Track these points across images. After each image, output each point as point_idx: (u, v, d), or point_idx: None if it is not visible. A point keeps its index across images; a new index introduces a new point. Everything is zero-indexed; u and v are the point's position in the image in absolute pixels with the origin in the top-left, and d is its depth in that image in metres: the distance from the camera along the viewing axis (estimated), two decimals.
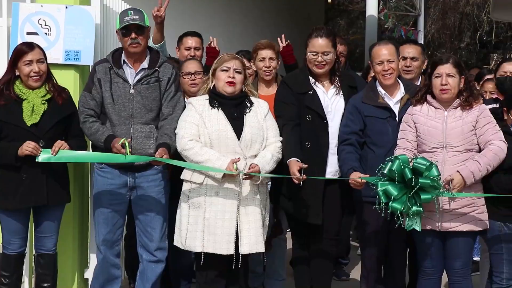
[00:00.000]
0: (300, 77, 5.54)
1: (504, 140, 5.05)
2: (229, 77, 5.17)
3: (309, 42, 5.48)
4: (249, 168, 5.03)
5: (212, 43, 6.76)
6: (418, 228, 4.94)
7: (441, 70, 5.08)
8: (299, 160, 5.17)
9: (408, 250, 5.70)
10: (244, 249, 5.12)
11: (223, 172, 4.99)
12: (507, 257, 5.17)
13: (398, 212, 4.83)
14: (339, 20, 28.98)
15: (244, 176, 5.04)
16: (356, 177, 5.07)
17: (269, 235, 5.51)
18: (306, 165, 5.11)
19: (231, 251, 5.09)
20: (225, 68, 5.19)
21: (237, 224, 5.11)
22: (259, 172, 5.06)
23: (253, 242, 5.14)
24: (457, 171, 4.93)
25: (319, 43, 5.43)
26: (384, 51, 5.32)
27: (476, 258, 6.47)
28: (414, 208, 4.82)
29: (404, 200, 4.83)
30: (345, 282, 6.98)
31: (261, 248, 5.19)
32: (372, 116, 5.31)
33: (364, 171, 5.18)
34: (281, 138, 5.31)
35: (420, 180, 4.77)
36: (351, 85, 5.59)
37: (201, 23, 8.89)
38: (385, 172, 4.87)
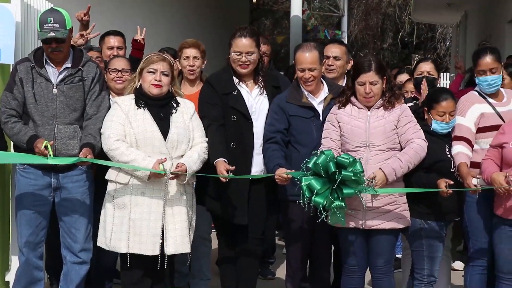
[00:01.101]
0: (224, 77, 5.54)
1: (424, 139, 5.16)
2: (155, 80, 5.14)
3: (233, 42, 5.48)
4: (176, 168, 5.03)
5: (139, 35, 6.74)
6: (341, 223, 4.99)
7: (365, 79, 5.15)
8: (226, 161, 5.18)
9: (332, 248, 5.77)
10: (169, 250, 5.11)
11: (150, 171, 4.97)
12: (428, 254, 5.28)
13: (321, 206, 4.88)
14: (264, 20, 29.15)
15: (171, 176, 5.02)
16: (282, 172, 5.10)
17: None
18: (234, 167, 5.13)
19: (156, 251, 5.08)
20: (152, 70, 5.15)
21: (163, 225, 5.10)
22: (186, 172, 5.05)
23: (179, 243, 5.13)
24: (379, 168, 5.02)
25: (243, 43, 5.45)
26: (307, 58, 5.33)
27: (398, 255, 6.59)
28: (337, 202, 4.87)
29: (327, 195, 4.88)
30: (271, 281, 7.02)
31: (187, 248, 5.19)
32: (296, 116, 5.36)
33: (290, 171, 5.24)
34: (207, 139, 5.32)
35: (342, 173, 4.81)
36: (275, 85, 5.62)
37: (126, 22, 8.82)
38: (310, 166, 4.92)
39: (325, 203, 4.87)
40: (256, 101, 5.52)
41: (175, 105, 5.24)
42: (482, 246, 5.39)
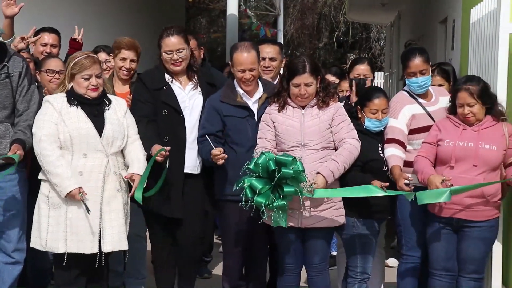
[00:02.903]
0: (156, 74, 5.58)
1: (358, 138, 5.22)
2: (92, 85, 5.11)
3: (162, 43, 5.51)
4: (131, 180, 5.12)
5: (77, 34, 6.67)
6: (283, 225, 5.01)
7: (299, 80, 5.17)
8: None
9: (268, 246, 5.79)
10: (107, 247, 5.09)
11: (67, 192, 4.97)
12: (361, 252, 5.34)
13: (263, 206, 4.89)
14: (200, 19, 29.08)
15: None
16: (217, 151, 5.11)
17: None
18: (169, 147, 5.21)
19: (95, 249, 5.05)
20: (87, 77, 5.10)
21: (100, 222, 5.06)
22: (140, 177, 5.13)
23: (116, 240, 5.12)
24: (318, 172, 5.05)
25: (172, 41, 5.47)
26: (247, 59, 5.32)
27: (334, 253, 6.65)
28: (278, 201, 4.89)
29: (269, 194, 4.89)
30: (207, 280, 7.01)
31: (124, 245, 5.18)
32: (231, 116, 5.36)
33: (227, 170, 5.24)
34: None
35: (282, 170, 4.83)
36: (209, 82, 5.63)
37: (59, 19, 8.69)
38: (251, 167, 4.93)
39: (267, 202, 4.87)
40: (189, 97, 5.54)
41: (107, 102, 5.22)
42: (414, 243, 5.48)
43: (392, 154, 5.32)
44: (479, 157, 5.11)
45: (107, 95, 5.26)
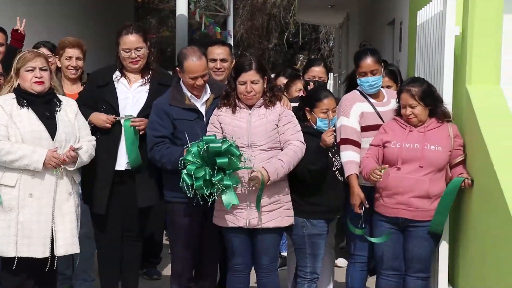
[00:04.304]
0: (104, 72, 5.64)
1: (303, 140, 5.21)
2: (36, 77, 5.06)
3: (120, 40, 5.51)
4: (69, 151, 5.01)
5: (19, 25, 6.62)
6: (235, 202, 5.00)
7: (246, 78, 5.19)
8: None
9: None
10: (60, 251, 5.06)
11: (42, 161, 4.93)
12: (310, 252, 5.37)
13: (204, 188, 4.88)
14: (149, 19, 28.95)
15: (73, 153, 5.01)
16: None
17: None
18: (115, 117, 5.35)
19: (47, 253, 5.01)
20: (30, 68, 5.06)
21: (52, 226, 5.03)
22: (76, 159, 5.06)
23: (69, 243, 5.10)
24: (263, 167, 5.05)
25: (130, 39, 5.49)
26: (199, 67, 5.28)
27: (284, 253, 6.67)
28: (217, 176, 4.89)
29: (205, 173, 4.90)
30: (156, 281, 6.98)
31: (76, 249, 5.16)
32: (181, 119, 5.32)
33: (180, 175, 5.22)
34: (94, 138, 5.32)
35: (210, 145, 4.87)
36: (162, 83, 5.58)
37: (2, 18, 8.57)
38: (187, 158, 4.94)
39: (206, 177, 4.87)
40: (133, 94, 5.55)
41: (58, 103, 5.18)
42: (363, 243, 5.53)
43: (349, 159, 5.35)
44: (425, 158, 5.19)
45: (57, 95, 5.21)
